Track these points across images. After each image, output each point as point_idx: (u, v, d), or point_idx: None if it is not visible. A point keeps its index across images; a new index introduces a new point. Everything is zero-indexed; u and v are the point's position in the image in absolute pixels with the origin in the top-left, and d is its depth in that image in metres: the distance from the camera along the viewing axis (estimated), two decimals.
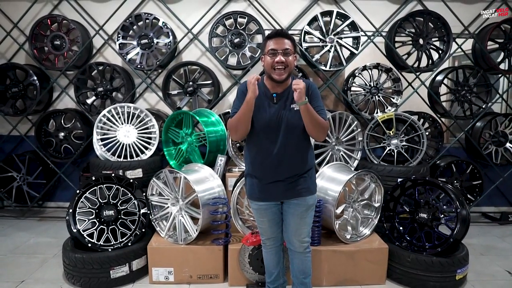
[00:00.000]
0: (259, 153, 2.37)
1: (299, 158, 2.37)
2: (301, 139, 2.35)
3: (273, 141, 2.31)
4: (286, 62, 2.21)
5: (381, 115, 4.00)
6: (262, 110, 2.31)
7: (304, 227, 2.46)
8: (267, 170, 2.36)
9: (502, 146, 4.51)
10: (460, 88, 4.38)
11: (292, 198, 2.39)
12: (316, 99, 2.33)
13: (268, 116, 2.30)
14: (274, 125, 2.30)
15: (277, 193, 2.39)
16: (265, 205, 2.44)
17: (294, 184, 2.37)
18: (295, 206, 2.41)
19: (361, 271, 3.10)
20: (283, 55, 2.20)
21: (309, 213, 2.45)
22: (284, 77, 2.24)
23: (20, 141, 4.74)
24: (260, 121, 2.32)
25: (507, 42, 4.28)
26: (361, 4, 4.34)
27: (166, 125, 3.84)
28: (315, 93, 2.34)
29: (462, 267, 3.02)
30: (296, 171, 2.36)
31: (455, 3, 4.43)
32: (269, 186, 2.38)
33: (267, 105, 2.31)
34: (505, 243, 4.03)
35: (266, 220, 2.48)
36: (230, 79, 4.55)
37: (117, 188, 3.26)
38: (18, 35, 4.52)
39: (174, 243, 3.15)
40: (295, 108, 2.27)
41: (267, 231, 2.53)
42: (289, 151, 2.32)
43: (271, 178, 2.36)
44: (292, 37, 2.30)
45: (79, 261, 2.94)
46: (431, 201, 3.19)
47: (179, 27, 4.48)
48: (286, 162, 2.33)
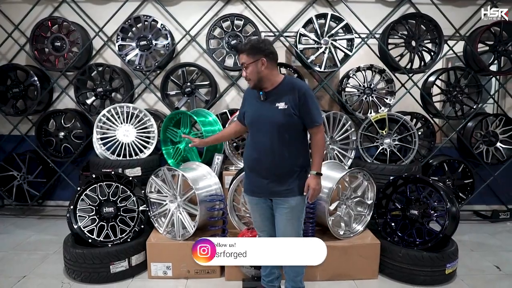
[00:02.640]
0: (250, 147, 2.51)
1: (286, 156, 2.40)
2: (286, 139, 2.39)
3: (262, 136, 2.42)
4: (247, 76, 2.39)
5: (375, 115, 4.11)
6: (252, 107, 2.49)
7: (291, 228, 2.48)
8: (256, 164, 2.47)
9: (492, 146, 4.62)
10: (452, 89, 4.49)
11: (275, 197, 2.46)
12: (307, 106, 2.35)
13: (255, 111, 2.46)
14: (260, 120, 2.42)
15: (262, 190, 2.47)
16: (255, 200, 2.56)
17: (277, 183, 2.42)
18: (279, 206, 2.47)
19: (354, 266, 3.19)
20: (244, 69, 2.39)
21: (294, 215, 2.46)
22: (251, 85, 2.42)
23: (21, 141, 4.81)
24: (248, 117, 2.50)
25: (496, 44, 4.39)
26: (355, 7, 4.44)
27: (164, 124, 3.93)
28: (307, 99, 2.35)
29: (452, 261, 3.12)
30: (281, 168, 2.40)
31: (446, 6, 4.54)
32: (256, 181, 2.48)
33: (256, 102, 2.47)
34: (495, 239, 4.14)
35: (258, 214, 2.60)
36: (227, 80, 4.65)
37: (116, 185, 3.34)
38: (19, 36, 4.60)
39: (172, 239, 3.23)
40: (279, 107, 2.36)
41: (259, 225, 2.64)
42: (275, 148, 2.38)
43: (257, 173, 2.46)
44: (248, 46, 2.35)
45: (80, 256, 3.02)
46: (422, 198, 3.29)
47: (177, 29, 4.57)
48: (272, 158, 2.39)
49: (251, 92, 2.52)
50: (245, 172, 2.60)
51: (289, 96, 2.36)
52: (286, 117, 2.35)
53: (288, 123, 2.36)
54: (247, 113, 2.52)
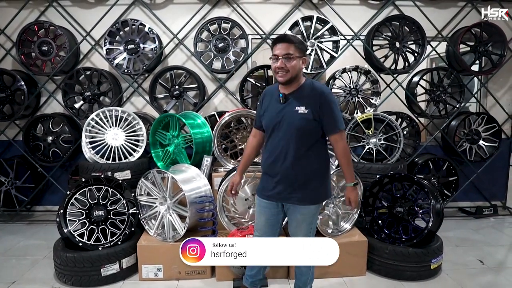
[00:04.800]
0: (268, 149, 2.45)
1: (302, 162, 2.34)
2: (304, 144, 2.33)
3: (279, 140, 2.36)
4: (286, 67, 2.26)
5: (361, 116, 4.19)
6: (271, 109, 2.39)
7: (300, 232, 2.46)
8: (270, 168, 2.42)
9: (475, 144, 4.74)
10: (435, 89, 4.60)
11: (286, 203, 2.43)
12: (328, 110, 2.29)
13: (274, 115, 2.37)
14: (277, 124, 2.35)
15: (274, 194, 2.43)
16: (265, 203, 2.51)
17: (291, 190, 2.38)
18: (291, 211, 2.45)
19: (343, 263, 3.21)
20: (285, 60, 2.26)
21: (306, 220, 2.43)
22: (285, 79, 2.29)
23: (8, 146, 4.77)
24: (266, 119, 2.41)
25: (477, 45, 4.52)
26: (340, 9, 4.53)
27: (153, 127, 3.95)
28: (327, 103, 2.29)
29: (437, 257, 3.20)
30: (296, 176, 2.35)
31: (429, 8, 4.65)
32: (269, 185, 2.44)
33: (274, 105, 2.38)
34: (479, 235, 4.25)
35: (264, 218, 2.54)
36: (215, 83, 4.69)
37: (106, 189, 3.35)
38: (5, 40, 4.58)
39: (163, 241, 3.26)
40: (299, 111, 2.29)
41: (261, 228, 2.59)
42: (292, 153, 2.33)
43: (272, 177, 2.42)
44: (298, 40, 2.30)
45: (71, 260, 3.02)
46: (408, 196, 3.38)
47: (164, 32, 4.60)
48: (287, 164, 2.34)
49: (270, 94, 2.46)
50: (262, 174, 2.55)
51: (310, 99, 2.30)
52: (306, 122, 2.29)
53: (307, 128, 2.30)
54: (265, 115, 2.43)
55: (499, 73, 4.78)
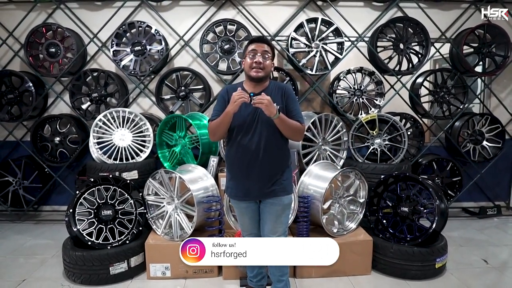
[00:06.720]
0: (238, 151, 2.47)
1: (275, 156, 2.47)
2: (277, 138, 2.45)
3: (250, 139, 2.43)
4: (263, 64, 2.40)
5: (365, 116, 4.22)
6: (240, 109, 2.35)
7: (280, 225, 2.55)
8: (245, 168, 2.47)
9: (479, 144, 4.77)
10: (439, 90, 4.63)
11: (268, 198, 2.50)
12: (291, 103, 2.47)
13: (245, 114, 2.42)
14: (250, 123, 2.42)
15: (254, 192, 2.50)
16: (245, 204, 2.58)
17: (270, 184, 2.47)
18: (271, 206, 2.51)
19: (348, 262, 3.27)
20: (262, 57, 2.40)
21: (285, 212, 2.56)
22: (260, 75, 2.40)
23: (16, 146, 4.83)
24: (237, 119, 2.42)
25: (481, 46, 4.55)
26: (345, 11, 4.57)
27: (160, 128, 4.00)
28: (291, 97, 2.49)
29: (441, 256, 3.23)
30: (272, 170, 2.47)
31: (432, 10, 4.69)
32: (246, 185, 2.50)
33: (244, 105, 2.35)
34: (483, 235, 4.28)
35: (247, 218, 2.63)
36: (221, 84, 4.73)
37: (114, 189, 3.39)
38: (13, 42, 4.64)
39: (170, 240, 3.30)
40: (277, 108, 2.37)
41: (247, 228, 2.67)
42: (265, 149, 2.43)
43: (248, 177, 2.47)
44: (272, 45, 2.46)
45: (80, 259, 3.07)
46: (412, 196, 3.40)
47: (171, 34, 4.65)
48: (262, 160, 2.43)
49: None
50: (231, 177, 2.58)
51: (278, 97, 2.43)
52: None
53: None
54: (236, 116, 2.39)
55: (502, 74, 4.82)
